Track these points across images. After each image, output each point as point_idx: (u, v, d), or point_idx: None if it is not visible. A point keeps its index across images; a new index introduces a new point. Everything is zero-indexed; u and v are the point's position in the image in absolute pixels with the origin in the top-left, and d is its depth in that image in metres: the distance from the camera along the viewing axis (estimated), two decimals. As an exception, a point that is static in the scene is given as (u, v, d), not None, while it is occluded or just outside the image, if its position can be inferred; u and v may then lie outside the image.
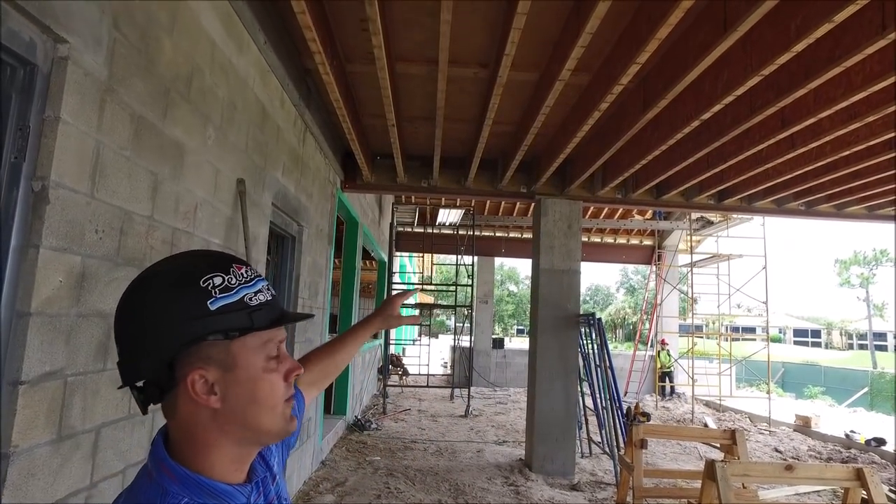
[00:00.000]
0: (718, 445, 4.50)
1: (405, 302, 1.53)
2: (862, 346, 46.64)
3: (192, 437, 0.74)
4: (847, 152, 4.60)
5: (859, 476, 2.94)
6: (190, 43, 2.35)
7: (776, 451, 7.98)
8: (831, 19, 2.60)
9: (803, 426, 9.41)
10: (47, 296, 1.52)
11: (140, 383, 0.73)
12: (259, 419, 0.75)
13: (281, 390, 0.77)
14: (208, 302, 0.71)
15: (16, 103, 1.43)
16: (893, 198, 6.14)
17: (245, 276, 0.76)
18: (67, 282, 1.61)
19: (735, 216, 10.74)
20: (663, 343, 13.19)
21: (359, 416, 8.18)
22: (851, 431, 8.55)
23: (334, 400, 7.49)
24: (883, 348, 44.19)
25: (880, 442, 7.90)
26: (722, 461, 3.11)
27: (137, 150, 1.96)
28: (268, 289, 0.78)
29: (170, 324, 0.70)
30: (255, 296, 0.75)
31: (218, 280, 0.73)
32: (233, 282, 0.74)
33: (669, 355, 13.05)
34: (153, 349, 0.70)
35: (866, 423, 10.15)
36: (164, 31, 2.13)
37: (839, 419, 10.73)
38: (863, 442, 8.07)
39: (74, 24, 1.58)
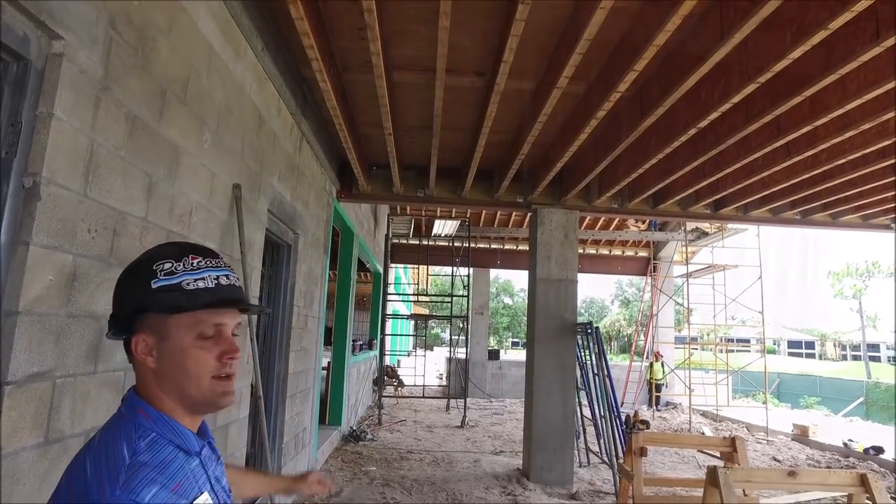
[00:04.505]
0: (718, 454, 4.46)
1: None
2: (856, 357, 46.67)
3: (145, 387, 0.90)
4: (842, 160, 4.62)
5: (863, 481, 2.90)
6: (187, 46, 2.33)
7: (775, 459, 7.94)
8: (826, 26, 2.62)
9: (801, 435, 9.37)
10: (36, 294, 1.49)
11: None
12: (185, 386, 0.89)
13: (207, 366, 0.89)
14: (151, 281, 0.88)
15: (8, 98, 1.41)
16: (887, 206, 6.17)
17: (193, 265, 0.90)
18: (58, 281, 1.57)
19: (730, 227, 10.78)
20: (658, 355, 13.10)
21: (354, 427, 8.09)
22: (849, 440, 8.53)
23: (329, 411, 7.41)
24: (876, 359, 44.28)
25: (878, 450, 7.88)
26: (724, 467, 3.07)
27: (132, 151, 1.94)
28: (215, 279, 0.91)
29: (126, 292, 0.91)
30: (194, 282, 0.89)
31: (167, 265, 0.89)
32: (178, 268, 0.89)
33: (664, 367, 12.95)
34: (116, 308, 0.92)
35: (863, 433, 10.13)
36: (162, 33, 2.11)
37: (836, 428, 10.70)
38: (861, 450, 8.04)
39: (70, 21, 1.56)
